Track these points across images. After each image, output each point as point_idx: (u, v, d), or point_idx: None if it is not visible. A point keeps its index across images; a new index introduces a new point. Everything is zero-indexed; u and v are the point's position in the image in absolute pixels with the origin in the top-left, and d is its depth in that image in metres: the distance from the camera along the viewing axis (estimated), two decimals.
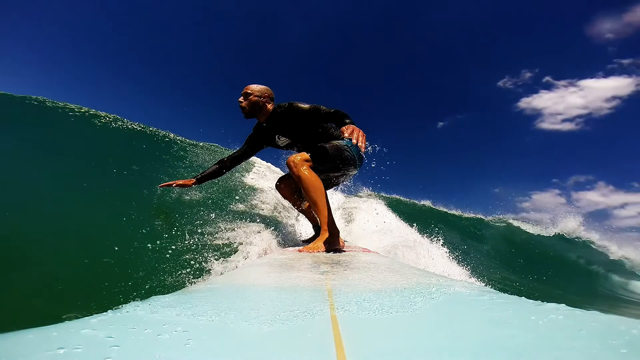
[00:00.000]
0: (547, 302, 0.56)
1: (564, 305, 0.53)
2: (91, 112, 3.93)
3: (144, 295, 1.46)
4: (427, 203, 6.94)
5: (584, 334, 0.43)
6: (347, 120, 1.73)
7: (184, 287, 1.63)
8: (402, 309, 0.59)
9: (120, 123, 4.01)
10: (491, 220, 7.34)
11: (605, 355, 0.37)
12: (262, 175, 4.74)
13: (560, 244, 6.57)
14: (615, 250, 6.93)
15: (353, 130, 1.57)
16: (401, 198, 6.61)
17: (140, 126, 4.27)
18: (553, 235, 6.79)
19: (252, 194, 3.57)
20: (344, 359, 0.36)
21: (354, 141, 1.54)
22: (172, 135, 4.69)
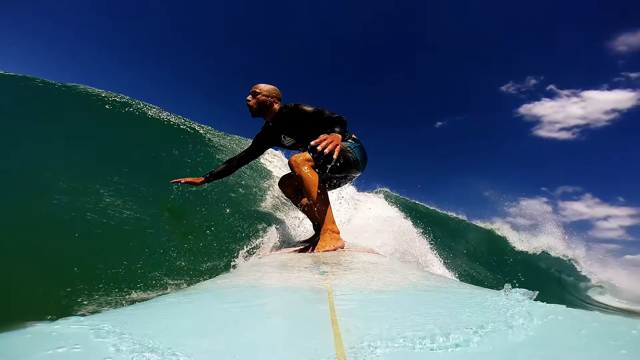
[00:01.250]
0: (548, 302, 0.56)
1: (564, 305, 0.53)
2: (128, 100, 4.01)
3: (145, 295, 1.46)
4: (417, 201, 6.95)
5: (584, 334, 0.43)
6: (337, 129, 1.75)
7: (185, 286, 1.63)
8: (402, 309, 0.59)
9: (154, 111, 4.13)
10: (477, 224, 7.25)
11: (605, 355, 0.37)
12: (274, 166, 4.78)
13: (541, 258, 6.33)
14: (599, 271, 6.62)
15: (326, 138, 1.59)
16: (394, 193, 6.66)
17: (176, 117, 4.38)
18: (540, 254, 6.50)
19: (253, 191, 3.57)
20: (344, 358, 0.36)
21: (319, 148, 1.55)
22: (205, 126, 4.79)
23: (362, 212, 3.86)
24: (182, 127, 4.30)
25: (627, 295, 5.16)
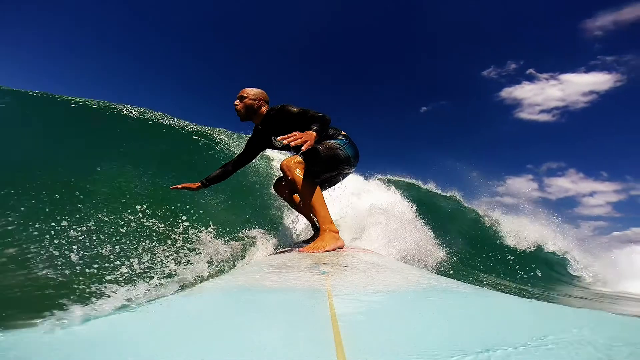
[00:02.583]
0: (548, 301, 0.57)
1: (564, 305, 0.53)
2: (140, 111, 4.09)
3: (142, 298, 1.46)
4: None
5: (584, 334, 0.43)
6: (314, 127, 1.76)
7: (183, 288, 1.63)
8: (402, 309, 0.60)
9: (168, 121, 4.21)
10: (465, 205, 7.23)
11: (605, 355, 0.37)
12: (277, 165, 4.86)
13: (533, 252, 6.11)
14: (592, 263, 6.04)
15: (294, 134, 1.62)
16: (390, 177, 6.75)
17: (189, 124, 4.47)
18: (535, 250, 6.27)
19: (253, 192, 3.57)
20: (344, 358, 0.36)
21: (284, 142, 1.59)
22: (217, 128, 4.93)
23: (367, 200, 3.91)
24: (198, 132, 4.38)
25: (620, 282, 5.14)
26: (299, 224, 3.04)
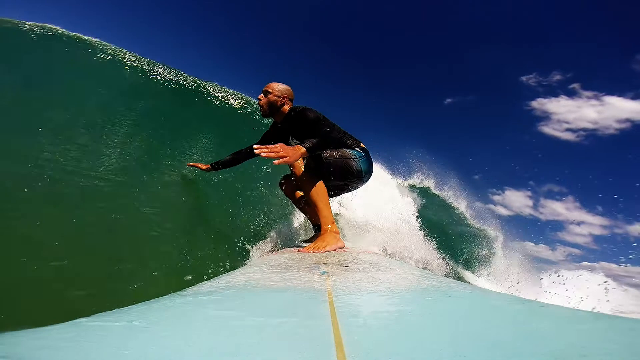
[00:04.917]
0: (547, 303, 0.56)
1: (563, 305, 0.53)
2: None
3: (136, 299, 1.45)
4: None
5: (584, 335, 0.43)
6: (306, 144, 1.69)
7: (182, 287, 1.63)
8: (403, 310, 0.59)
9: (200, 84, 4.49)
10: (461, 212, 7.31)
11: (605, 355, 0.37)
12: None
13: None
14: None
15: (276, 146, 1.54)
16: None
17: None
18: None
19: (254, 191, 3.57)
20: (344, 358, 0.36)
21: (257, 152, 1.51)
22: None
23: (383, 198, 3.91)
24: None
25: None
26: (299, 224, 3.04)
